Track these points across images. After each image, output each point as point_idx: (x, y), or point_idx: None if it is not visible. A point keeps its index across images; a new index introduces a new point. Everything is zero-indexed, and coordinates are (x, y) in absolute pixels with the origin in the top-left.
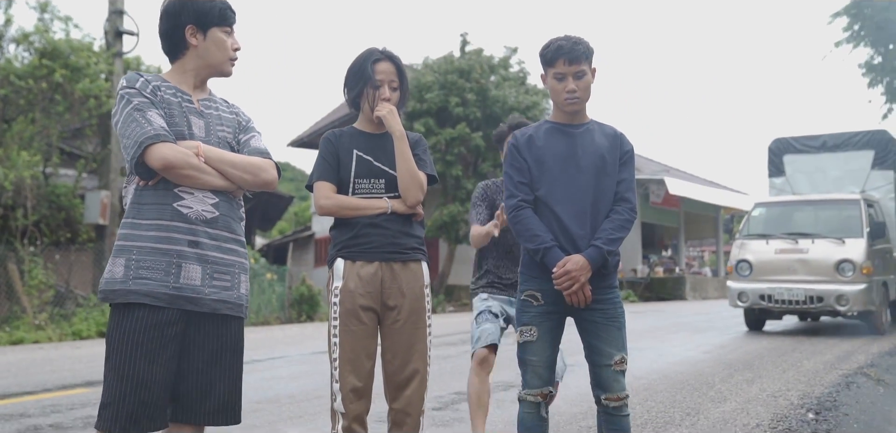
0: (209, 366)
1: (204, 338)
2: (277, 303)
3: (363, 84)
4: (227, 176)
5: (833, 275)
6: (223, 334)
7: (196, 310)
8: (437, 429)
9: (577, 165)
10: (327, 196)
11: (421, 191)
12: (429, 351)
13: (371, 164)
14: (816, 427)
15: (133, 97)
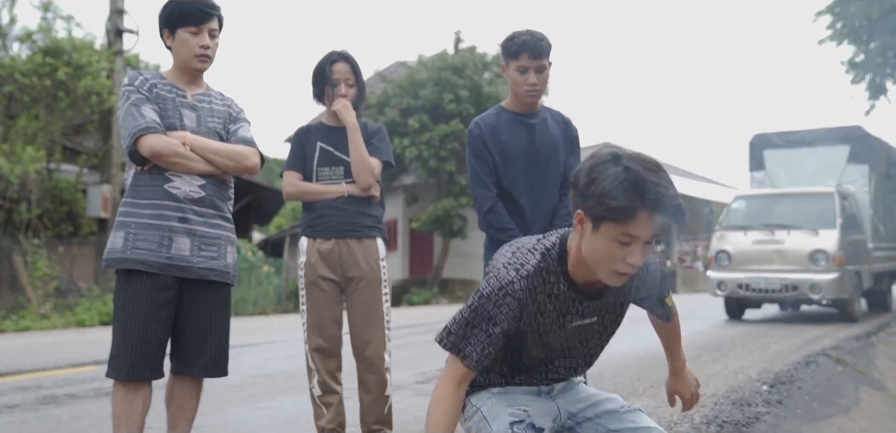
0: (201, 328)
1: (196, 302)
2: (274, 294)
3: (323, 83)
4: (212, 162)
5: (807, 265)
6: (212, 299)
7: (187, 277)
8: (420, 400)
9: (536, 155)
10: (292, 183)
11: (371, 175)
12: (386, 316)
13: (331, 153)
14: (769, 397)
15: (131, 94)
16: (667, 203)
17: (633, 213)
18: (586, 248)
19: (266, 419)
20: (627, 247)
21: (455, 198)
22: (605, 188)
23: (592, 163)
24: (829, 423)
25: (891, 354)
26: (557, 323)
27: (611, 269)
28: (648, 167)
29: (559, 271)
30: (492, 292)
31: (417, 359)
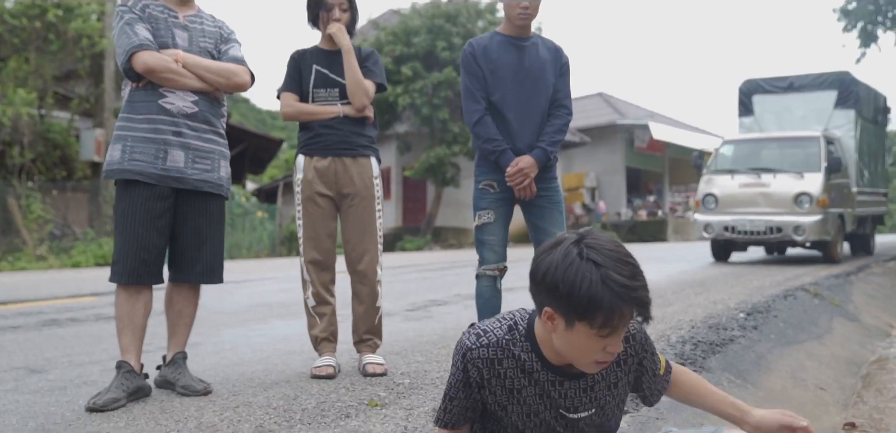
0: (196, 237)
1: (191, 212)
2: (268, 240)
3: (317, 8)
4: (204, 79)
5: (791, 208)
6: (207, 210)
7: (182, 187)
8: (409, 324)
9: (525, 75)
10: (289, 104)
11: (366, 96)
12: (379, 231)
13: (326, 75)
14: (744, 323)
15: (125, 13)
16: (647, 302)
17: (615, 315)
18: (560, 344)
19: (261, 338)
20: (607, 339)
21: (448, 146)
22: (590, 294)
23: (562, 264)
24: (800, 348)
25: (867, 291)
26: (544, 404)
27: (590, 361)
28: (619, 261)
29: (529, 348)
30: (455, 356)
31: (408, 292)
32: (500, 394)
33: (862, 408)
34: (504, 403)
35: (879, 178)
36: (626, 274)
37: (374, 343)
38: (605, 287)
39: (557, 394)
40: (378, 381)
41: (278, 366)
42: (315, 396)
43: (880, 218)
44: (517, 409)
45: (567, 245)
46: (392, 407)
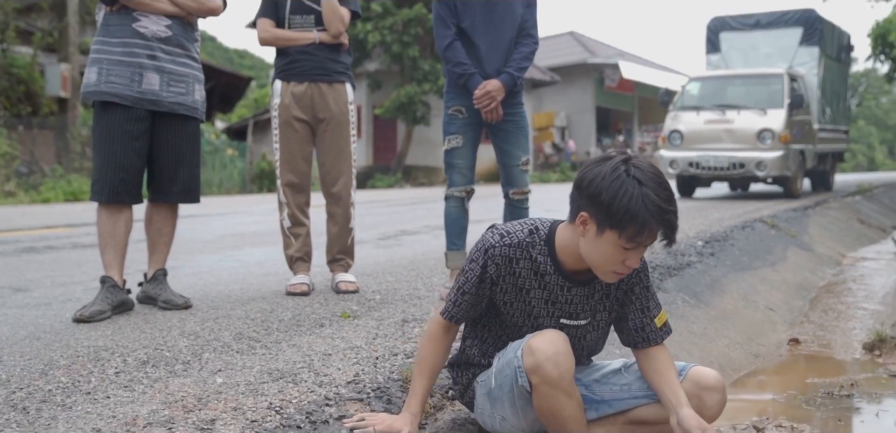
0: (173, 158)
1: (168, 135)
2: (238, 177)
3: None
4: (176, 3)
5: (754, 144)
6: (183, 132)
7: (158, 110)
8: (380, 251)
9: (494, 4)
10: (265, 29)
11: (342, 23)
12: (353, 155)
13: (303, 2)
14: (702, 250)
15: None
16: (675, 226)
17: (646, 231)
18: (586, 248)
19: (236, 263)
20: (629, 253)
21: (418, 84)
22: (628, 206)
23: (610, 175)
24: (754, 273)
25: (823, 224)
26: (547, 310)
27: (610, 270)
28: (660, 185)
29: (546, 252)
30: (475, 252)
31: (379, 224)
32: (510, 291)
33: (807, 327)
34: (511, 301)
35: (841, 115)
36: (663, 197)
37: (346, 262)
38: (643, 203)
39: (564, 299)
40: (350, 297)
41: (255, 285)
42: (291, 310)
43: (841, 155)
44: (521, 309)
45: (616, 161)
46: (364, 318)
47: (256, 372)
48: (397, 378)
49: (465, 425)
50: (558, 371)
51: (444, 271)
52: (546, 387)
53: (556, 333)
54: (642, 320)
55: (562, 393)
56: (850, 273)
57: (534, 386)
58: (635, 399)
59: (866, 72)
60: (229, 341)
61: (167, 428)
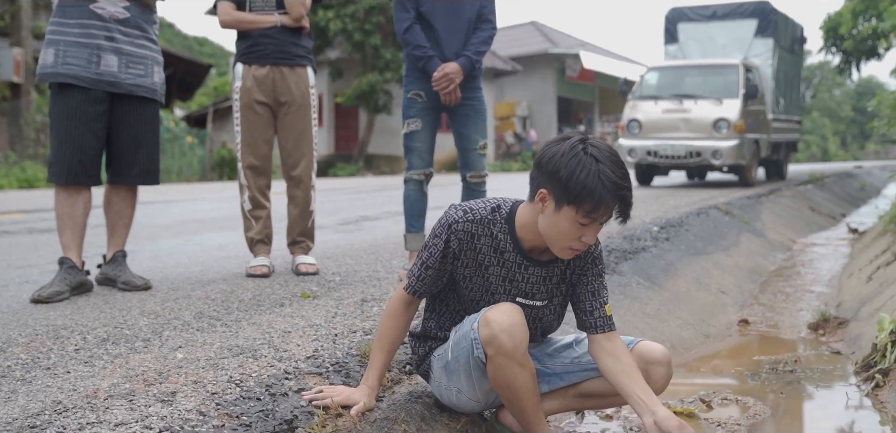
0: (133, 140)
1: (127, 117)
2: (198, 165)
3: None
4: None
5: (710, 133)
6: (142, 114)
7: (117, 92)
8: (341, 236)
9: None
10: (227, 12)
11: (303, 7)
12: (314, 139)
13: None
14: (657, 235)
15: None
16: (629, 203)
17: (601, 207)
18: (545, 224)
19: (196, 247)
20: (585, 228)
21: (380, 72)
22: (584, 183)
23: (568, 153)
24: (707, 258)
25: (776, 212)
26: (504, 287)
27: (566, 246)
28: (616, 163)
29: (506, 230)
30: (438, 227)
31: (340, 210)
32: (471, 266)
33: (756, 309)
34: (470, 276)
35: (794, 105)
36: (619, 174)
37: (306, 245)
38: (600, 180)
39: (521, 278)
40: (310, 279)
41: (215, 268)
42: (251, 290)
43: (794, 145)
44: (479, 284)
45: (574, 140)
46: (324, 298)
47: (217, 348)
48: (356, 353)
49: (421, 398)
50: (513, 342)
51: (403, 254)
52: (501, 357)
53: (511, 306)
54: (593, 304)
55: (516, 364)
56: (799, 258)
57: (489, 357)
58: (585, 372)
59: (820, 64)
60: (189, 320)
61: (128, 399)
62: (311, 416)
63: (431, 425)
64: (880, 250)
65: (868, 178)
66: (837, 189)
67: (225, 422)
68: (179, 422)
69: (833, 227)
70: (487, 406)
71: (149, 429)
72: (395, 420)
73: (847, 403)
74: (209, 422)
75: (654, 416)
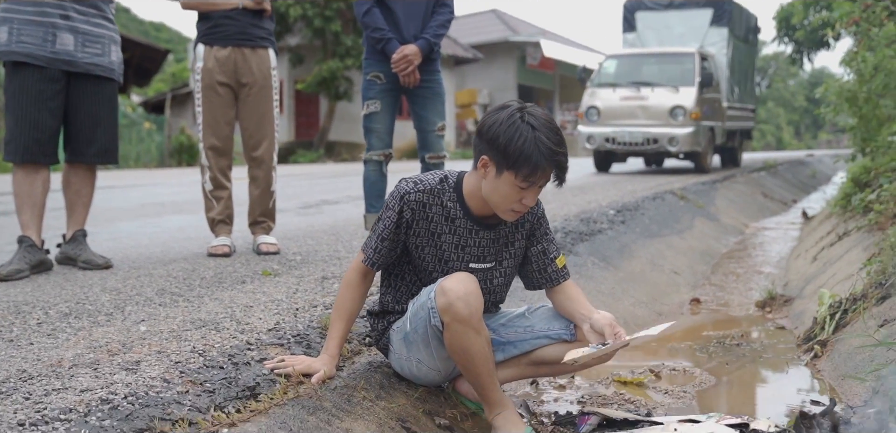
0: (90, 119)
1: (84, 96)
2: (157, 151)
3: None
4: None
5: (667, 120)
6: (100, 93)
7: (73, 70)
8: (302, 218)
9: None
10: None
11: None
12: (276, 121)
13: None
14: (614, 218)
15: None
16: (565, 167)
17: (538, 171)
18: (487, 189)
19: (157, 229)
20: (525, 192)
21: (341, 59)
22: (522, 148)
23: (506, 121)
24: (662, 240)
25: (730, 197)
26: (457, 255)
27: (508, 208)
28: (551, 130)
29: (455, 198)
30: (391, 199)
31: (301, 195)
32: (423, 235)
33: (708, 289)
34: (423, 245)
35: (748, 94)
36: (554, 141)
37: (267, 225)
38: (536, 146)
39: (473, 243)
40: (271, 258)
41: (176, 248)
42: (213, 269)
43: (748, 133)
44: (432, 253)
45: (512, 108)
46: (284, 276)
47: (179, 321)
48: (317, 326)
49: (380, 368)
50: (468, 309)
51: (364, 234)
52: (457, 324)
53: (466, 275)
54: (543, 262)
55: (472, 330)
56: (751, 241)
57: (445, 324)
58: (537, 340)
59: (775, 55)
60: (152, 296)
61: (93, 368)
62: (274, 384)
63: (390, 393)
64: (825, 232)
65: (819, 166)
66: (790, 176)
67: (189, 389)
68: (144, 388)
69: (784, 213)
70: (447, 376)
71: (114, 394)
72: (355, 388)
73: (788, 372)
74: (173, 388)
75: (589, 321)
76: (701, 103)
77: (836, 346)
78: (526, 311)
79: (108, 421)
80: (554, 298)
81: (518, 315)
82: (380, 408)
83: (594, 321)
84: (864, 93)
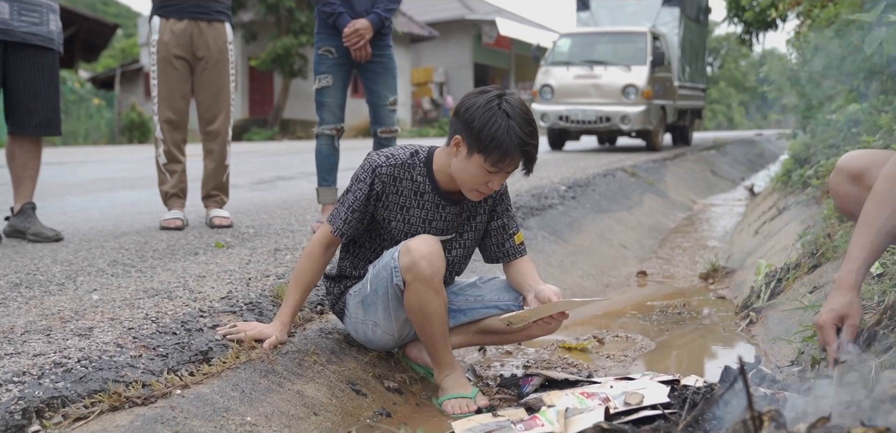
0: (31, 89)
1: (23, 66)
2: (107, 128)
3: None
4: None
5: (619, 98)
6: (39, 63)
7: (10, 40)
8: (255, 193)
9: None
10: None
11: None
12: (232, 95)
13: None
14: (564, 194)
15: None
16: (534, 158)
17: (507, 158)
18: (457, 167)
19: (107, 203)
20: (492, 176)
21: (295, 36)
22: (494, 135)
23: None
24: (611, 215)
25: (679, 174)
26: (423, 228)
27: (474, 188)
28: (526, 120)
29: (425, 173)
30: (362, 172)
31: (255, 171)
32: (392, 208)
33: (654, 262)
34: (391, 217)
35: (699, 74)
36: (527, 132)
37: (221, 199)
38: (509, 134)
39: (439, 217)
40: (225, 231)
41: (127, 222)
42: (165, 241)
43: (699, 112)
44: (399, 225)
45: (491, 94)
46: (237, 248)
47: (132, 291)
48: (269, 295)
49: (332, 333)
50: (431, 269)
51: (317, 208)
52: (419, 283)
53: (430, 237)
54: (502, 238)
55: (432, 291)
56: (698, 217)
57: (407, 283)
58: (487, 309)
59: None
60: (104, 267)
61: (46, 334)
62: (226, 349)
63: (340, 358)
64: (767, 207)
65: (767, 145)
66: (738, 155)
67: (142, 353)
68: (97, 353)
69: (731, 190)
70: (399, 341)
71: (67, 358)
72: (306, 353)
73: (724, 338)
74: (126, 353)
75: (534, 291)
76: (653, 82)
77: (769, 313)
78: (477, 281)
79: (62, 383)
80: (508, 272)
81: (469, 284)
82: (330, 372)
83: (538, 291)
84: (806, 72)
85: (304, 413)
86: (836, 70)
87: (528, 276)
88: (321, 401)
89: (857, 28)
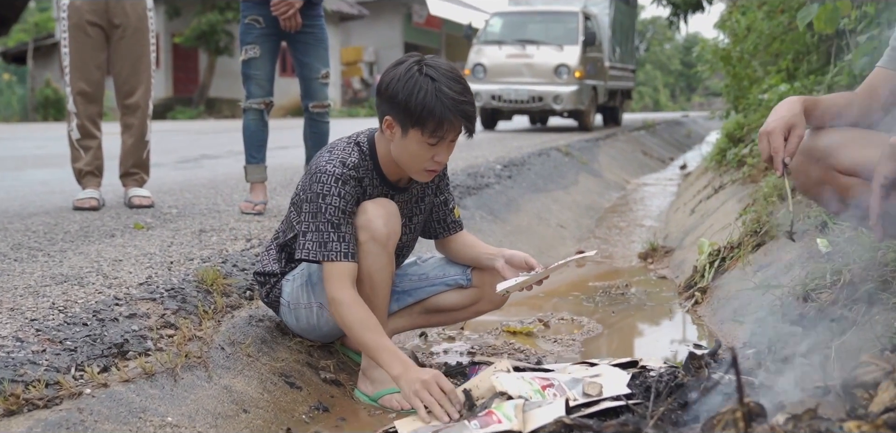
0: None
1: None
2: (18, 105)
3: None
4: None
5: (552, 78)
6: None
7: None
8: (179, 172)
9: None
10: None
11: None
12: (152, 66)
13: None
14: (501, 173)
15: None
16: (473, 116)
17: (445, 124)
18: (397, 151)
19: (16, 183)
20: (436, 148)
21: (221, 12)
22: (423, 103)
23: (404, 77)
24: (548, 195)
25: (612, 154)
26: None
27: (421, 169)
28: (453, 79)
29: (372, 168)
30: (324, 187)
31: (179, 149)
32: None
33: (592, 242)
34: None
35: (629, 55)
36: (458, 90)
37: (141, 177)
38: (438, 98)
39: None
40: (145, 212)
41: (37, 202)
42: (78, 222)
43: (629, 93)
44: None
45: (409, 62)
46: (159, 229)
47: (37, 277)
48: (192, 279)
49: (262, 322)
50: (387, 230)
51: (244, 187)
52: (373, 244)
53: (386, 200)
54: (444, 212)
55: (385, 254)
56: (632, 196)
57: (361, 244)
58: (434, 287)
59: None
60: (6, 251)
61: None
62: (144, 340)
63: (272, 348)
64: (702, 186)
65: (694, 126)
66: (667, 135)
67: (46, 347)
68: None
69: (663, 169)
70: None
71: None
72: (235, 344)
73: (671, 319)
74: (28, 347)
75: (503, 258)
76: (584, 62)
77: (715, 293)
78: (417, 260)
79: None
80: (449, 247)
81: (409, 263)
82: (261, 364)
83: (508, 257)
84: (737, 53)
85: (233, 410)
86: (765, 51)
87: (478, 247)
88: (252, 396)
89: (788, 10)
